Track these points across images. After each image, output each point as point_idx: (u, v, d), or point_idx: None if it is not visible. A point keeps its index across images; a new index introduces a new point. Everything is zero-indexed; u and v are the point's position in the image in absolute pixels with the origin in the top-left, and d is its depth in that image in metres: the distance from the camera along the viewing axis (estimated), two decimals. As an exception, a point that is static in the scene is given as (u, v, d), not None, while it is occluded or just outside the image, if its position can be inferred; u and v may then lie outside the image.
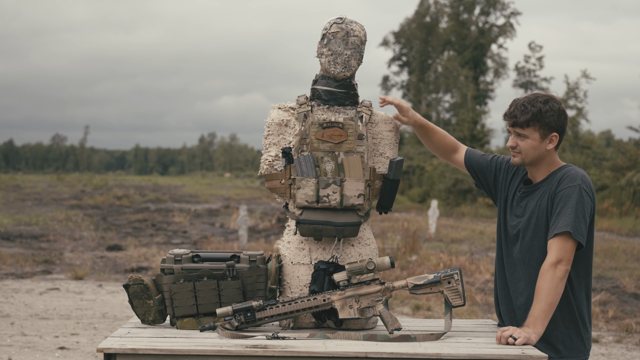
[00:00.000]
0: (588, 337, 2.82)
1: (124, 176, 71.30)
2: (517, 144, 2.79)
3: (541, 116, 2.74)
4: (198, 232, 15.82)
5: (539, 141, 2.77)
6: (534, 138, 2.77)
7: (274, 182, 2.90)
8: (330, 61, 2.86)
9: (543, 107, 2.75)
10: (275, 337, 2.59)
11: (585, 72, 29.15)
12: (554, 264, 2.64)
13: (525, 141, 2.78)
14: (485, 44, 38.76)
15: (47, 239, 14.16)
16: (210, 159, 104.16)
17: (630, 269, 11.06)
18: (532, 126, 2.75)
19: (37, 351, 6.06)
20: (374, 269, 2.70)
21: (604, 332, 7.15)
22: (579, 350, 2.79)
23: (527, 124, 2.75)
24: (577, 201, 2.69)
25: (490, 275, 9.95)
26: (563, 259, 2.65)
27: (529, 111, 2.75)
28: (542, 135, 2.77)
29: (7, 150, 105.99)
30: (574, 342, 2.78)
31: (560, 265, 2.64)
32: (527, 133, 2.77)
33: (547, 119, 2.75)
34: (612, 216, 20.03)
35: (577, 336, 2.79)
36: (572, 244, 2.66)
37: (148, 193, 31.39)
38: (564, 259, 2.65)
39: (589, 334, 2.82)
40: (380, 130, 2.93)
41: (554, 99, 2.79)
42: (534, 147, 2.77)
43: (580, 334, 2.79)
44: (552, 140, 2.78)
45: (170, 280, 2.79)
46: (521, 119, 2.76)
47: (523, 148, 2.78)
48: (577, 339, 2.79)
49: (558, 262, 2.65)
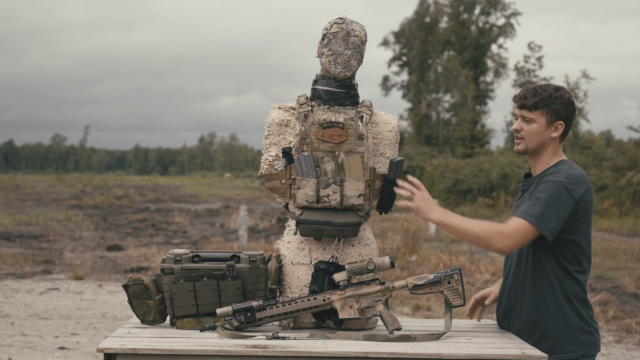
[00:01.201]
0: (586, 332, 2.74)
1: (124, 176, 71.31)
2: (522, 128, 2.80)
3: (550, 101, 2.75)
4: (198, 232, 15.82)
5: (545, 127, 2.77)
6: (540, 123, 2.77)
7: (274, 182, 2.90)
8: (330, 61, 2.86)
9: (554, 94, 2.76)
10: (275, 337, 2.59)
11: (585, 72, 29.16)
12: (502, 233, 2.64)
13: (531, 125, 2.78)
14: (485, 44, 38.76)
15: (47, 239, 14.16)
16: (210, 159, 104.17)
17: (630, 269, 11.06)
18: (539, 109, 2.76)
19: (37, 351, 6.06)
20: (374, 269, 2.70)
21: (604, 332, 7.15)
22: (574, 344, 2.72)
23: (535, 106, 2.76)
24: (552, 195, 2.66)
25: (490, 276, 9.96)
26: (512, 237, 2.63)
27: (539, 94, 2.76)
28: (548, 121, 2.77)
29: (7, 150, 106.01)
30: (566, 335, 2.73)
31: (504, 238, 2.63)
32: (534, 117, 2.77)
33: (556, 105, 2.76)
34: (612, 216, 20.03)
35: (570, 330, 2.73)
36: (529, 232, 2.63)
37: (148, 193, 31.39)
38: (512, 237, 2.63)
39: (585, 328, 2.75)
40: (380, 130, 2.93)
41: (565, 90, 2.80)
42: (539, 132, 2.77)
43: (574, 327, 2.73)
44: (557, 129, 2.78)
45: (170, 281, 2.79)
46: (530, 101, 2.77)
47: (527, 132, 2.79)
48: (570, 332, 2.73)
49: (506, 235, 2.63)
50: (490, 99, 39.28)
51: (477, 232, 2.68)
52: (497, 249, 2.66)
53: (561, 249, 2.73)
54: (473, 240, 2.68)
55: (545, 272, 2.74)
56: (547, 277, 2.75)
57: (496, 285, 3.06)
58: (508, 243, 2.65)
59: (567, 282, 2.74)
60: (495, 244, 2.65)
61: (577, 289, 2.76)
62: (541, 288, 2.75)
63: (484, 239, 2.66)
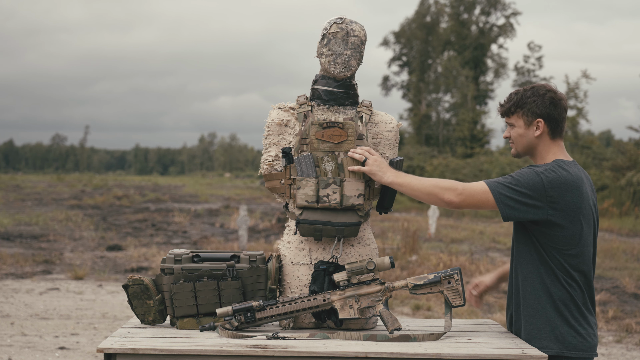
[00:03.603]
0: (574, 334, 2.69)
1: (124, 176, 71.31)
2: (510, 134, 2.82)
3: (523, 102, 2.75)
4: (198, 232, 15.82)
5: (525, 128, 2.77)
6: (519, 125, 2.78)
7: (274, 182, 2.90)
8: (330, 61, 2.86)
9: (526, 94, 2.76)
10: (275, 337, 2.59)
11: (585, 72, 29.16)
12: (454, 188, 2.67)
13: (514, 129, 2.80)
14: (485, 44, 38.77)
15: (47, 239, 14.16)
16: (210, 159, 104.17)
17: (630, 269, 11.06)
18: (515, 113, 2.77)
19: (37, 351, 6.06)
20: (374, 269, 2.70)
21: (604, 332, 7.15)
22: (562, 345, 2.68)
23: (510, 111, 2.78)
24: (519, 173, 2.67)
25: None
26: (461, 193, 2.67)
27: (512, 98, 2.78)
28: (526, 122, 2.76)
29: (7, 150, 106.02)
30: (548, 337, 2.68)
31: (450, 193, 2.67)
32: (513, 121, 2.79)
33: (530, 104, 2.74)
34: (612, 216, 20.03)
35: (552, 331, 2.68)
36: (483, 195, 2.65)
37: (148, 193, 31.39)
38: (463, 194, 2.66)
39: (575, 330, 2.69)
40: (380, 130, 2.93)
41: (545, 87, 2.77)
42: (521, 135, 2.78)
43: (557, 328, 2.68)
44: (538, 127, 2.75)
45: (170, 281, 2.79)
46: (506, 107, 2.80)
47: (513, 137, 2.81)
48: (551, 333, 2.68)
49: (457, 191, 2.67)
50: (490, 99, 39.30)
51: (429, 188, 2.71)
52: (445, 201, 2.69)
53: (544, 245, 2.69)
54: (425, 196, 2.72)
55: (531, 268, 2.72)
56: (531, 275, 2.72)
57: (487, 275, 3.10)
58: (454, 198, 2.67)
59: (555, 286, 2.69)
60: (444, 196, 2.69)
61: (564, 294, 2.69)
62: (527, 278, 2.74)
63: (435, 194, 2.70)
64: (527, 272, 2.73)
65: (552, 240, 2.67)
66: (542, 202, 2.63)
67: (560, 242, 2.67)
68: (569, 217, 2.65)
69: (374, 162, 2.76)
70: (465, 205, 2.68)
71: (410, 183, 2.73)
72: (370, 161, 2.76)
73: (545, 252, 2.69)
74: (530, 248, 2.72)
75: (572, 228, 2.66)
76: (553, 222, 2.64)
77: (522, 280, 2.74)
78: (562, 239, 2.67)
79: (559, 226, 2.65)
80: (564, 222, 2.65)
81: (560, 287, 2.70)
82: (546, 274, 2.70)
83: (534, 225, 2.69)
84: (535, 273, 2.71)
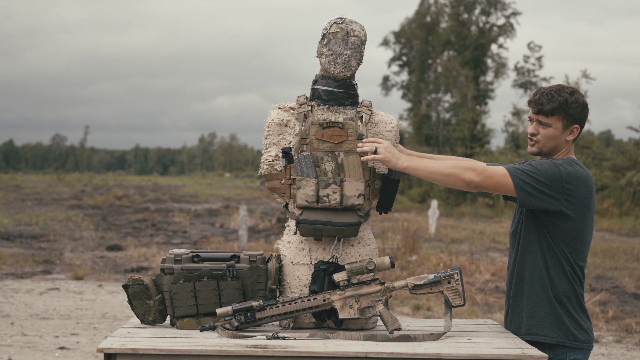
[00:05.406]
0: (575, 326, 2.74)
1: (124, 176, 71.29)
2: (538, 132, 2.81)
3: (567, 106, 2.77)
4: (198, 232, 15.82)
5: (561, 131, 2.79)
6: (557, 127, 2.79)
7: (274, 182, 2.90)
8: (330, 61, 2.86)
9: (570, 98, 2.77)
10: (275, 337, 2.59)
11: (585, 72, 29.15)
12: (475, 168, 2.69)
13: (547, 130, 2.79)
14: (485, 44, 38.75)
15: (47, 239, 14.16)
16: (210, 159, 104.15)
17: (630, 269, 11.06)
18: (556, 115, 2.77)
19: (37, 351, 6.06)
20: (374, 269, 2.70)
21: (604, 332, 7.15)
22: (564, 335, 2.73)
23: (552, 112, 2.77)
24: (539, 163, 2.70)
25: (490, 275, 9.95)
26: (481, 172, 2.68)
27: (556, 100, 2.77)
28: (564, 126, 2.79)
29: (7, 150, 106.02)
30: (551, 325, 2.74)
31: (471, 173, 2.68)
32: (551, 122, 2.79)
33: (572, 110, 2.77)
34: (612, 216, 20.03)
35: (555, 320, 2.74)
36: (503, 179, 2.68)
37: (148, 193, 31.38)
38: (482, 175, 2.68)
39: (576, 322, 2.75)
40: (380, 130, 2.93)
41: (579, 92, 2.82)
42: (555, 137, 2.79)
43: (560, 318, 2.73)
44: (572, 132, 2.80)
45: (170, 281, 2.79)
46: (547, 107, 2.77)
47: (543, 136, 2.80)
48: (554, 322, 2.74)
49: (478, 171, 2.68)
50: (490, 99, 39.25)
51: (449, 169, 2.71)
52: (466, 181, 2.69)
53: (555, 239, 2.74)
54: (444, 178, 2.71)
55: (535, 253, 2.77)
56: (539, 265, 2.77)
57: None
58: (475, 177, 2.68)
59: (560, 279, 2.75)
60: (465, 176, 2.69)
61: (568, 287, 2.75)
62: (527, 267, 2.79)
63: (455, 174, 2.70)
64: (535, 261, 2.77)
65: (562, 232, 2.72)
66: (557, 193, 2.68)
67: (568, 234, 2.72)
68: (580, 211, 2.72)
69: (385, 150, 2.75)
70: (485, 186, 2.69)
71: (428, 166, 2.72)
72: (381, 149, 2.75)
73: (554, 243, 2.74)
74: (540, 238, 2.76)
75: (581, 222, 2.73)
76: (565, 214, 2.70)
77: (529, 268, 2.79)
78: (571, 232, 2.72)
79: (570, 219, 2.71)
80: (575, 216, 2.71)
81: (565, 279, 2.75)
82: (553, 266, 2.75)
83: (546, 215, 2.73)
84: (543, 263, 2.76)
